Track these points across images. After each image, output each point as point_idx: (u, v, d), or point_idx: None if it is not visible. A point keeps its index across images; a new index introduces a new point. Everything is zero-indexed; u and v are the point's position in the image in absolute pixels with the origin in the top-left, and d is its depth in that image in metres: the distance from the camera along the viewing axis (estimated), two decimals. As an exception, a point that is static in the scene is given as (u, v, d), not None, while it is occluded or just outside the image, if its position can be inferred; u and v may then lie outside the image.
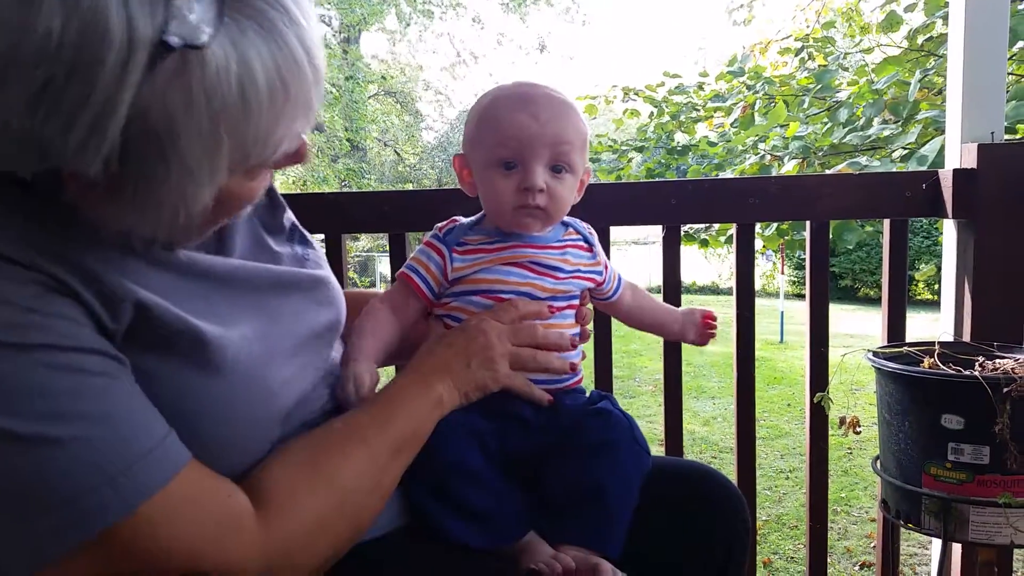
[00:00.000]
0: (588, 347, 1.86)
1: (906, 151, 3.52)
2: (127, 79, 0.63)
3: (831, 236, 3.29)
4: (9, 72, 0.61)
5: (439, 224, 1.18)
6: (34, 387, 0.69)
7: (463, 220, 1.18)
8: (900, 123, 3.72)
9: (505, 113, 1.09)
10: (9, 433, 0.67)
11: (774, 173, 4.06)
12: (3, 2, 0.60)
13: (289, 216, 1.11)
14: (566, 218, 1.20)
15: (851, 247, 3.35)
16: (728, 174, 4.70)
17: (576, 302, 1.18)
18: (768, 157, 4.17)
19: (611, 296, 1.28)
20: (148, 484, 0.73)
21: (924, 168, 2.81)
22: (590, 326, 1.23)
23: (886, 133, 3.65)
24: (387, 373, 1.18)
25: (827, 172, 3.70)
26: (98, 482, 0.70)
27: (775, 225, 3.83)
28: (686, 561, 1.16)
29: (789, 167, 3.92)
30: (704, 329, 1.34)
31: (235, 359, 0.85)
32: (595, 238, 1.23)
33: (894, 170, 3.22)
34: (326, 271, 1.10)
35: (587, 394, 1.18)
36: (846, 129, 3.91)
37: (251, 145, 0.73)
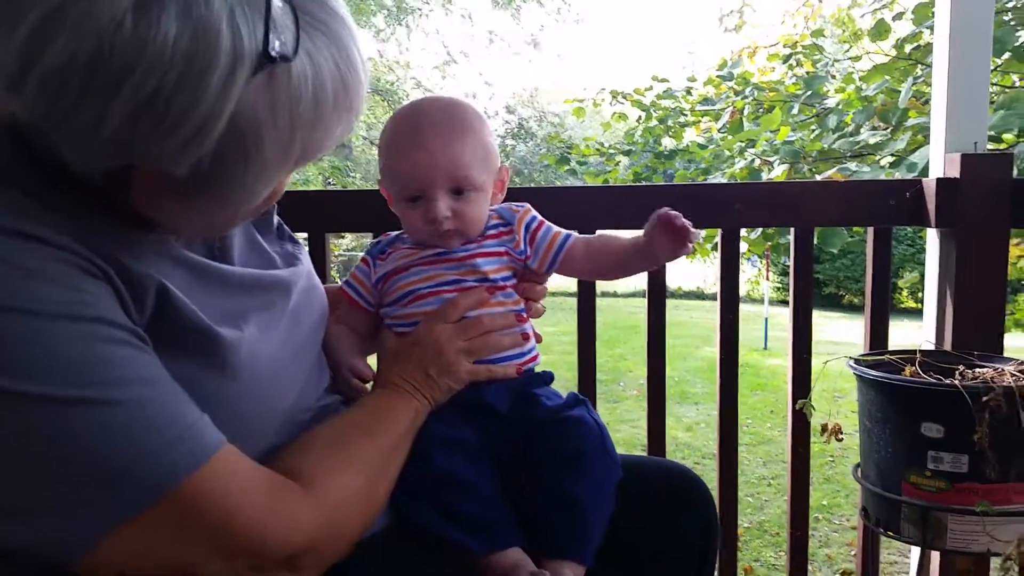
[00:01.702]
0: (571, 351, 1.86)
1: (895, 158, 3.54)
2: (232, 89, 0.66)
3: (816, 240, 3.32)
4: (124, 80, 0.63)
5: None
6: (85, 355, 0.70)
7: (392, 234, 1.23)
8: (889, 130, 3.74)
9: (400, 153, 1.12)
10: (63, 399, 0.68)
11: (764, 177, 4.07)
12: (123, 13, 0.62)
13: (275, 215, 1.13)
14: (494, 208, 1.20)
15: (835, 250, 3.37)
16: (717, 178, 4.71)
17: (510, 282, 1.17)
18: (758, 161, 4.18)
19: (548, 268, 1.19)
20: (205, 446, 0.75)
21: (914, 175, 2.83)
22: (542, 303, 1.22)
23: (875, 140, 3.67)
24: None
25: (813, 179, 3.72)
26: (161, 442, 0.72)
27: (760, 229, 3.84)
28: (658, 554, 1.17)
29: (778, 172, 3.93)
30: (675, 233, 1.08)
31: (247, 361, 0.86)
32: (518, 215, 1.19)
33: (882, 177, 3.24)
34: (310, 263, 1.13)
35: (563, 397, 1.17)
36: (836, 135, 3.93)
37: (314, 146, 0.78)
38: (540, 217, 1.21)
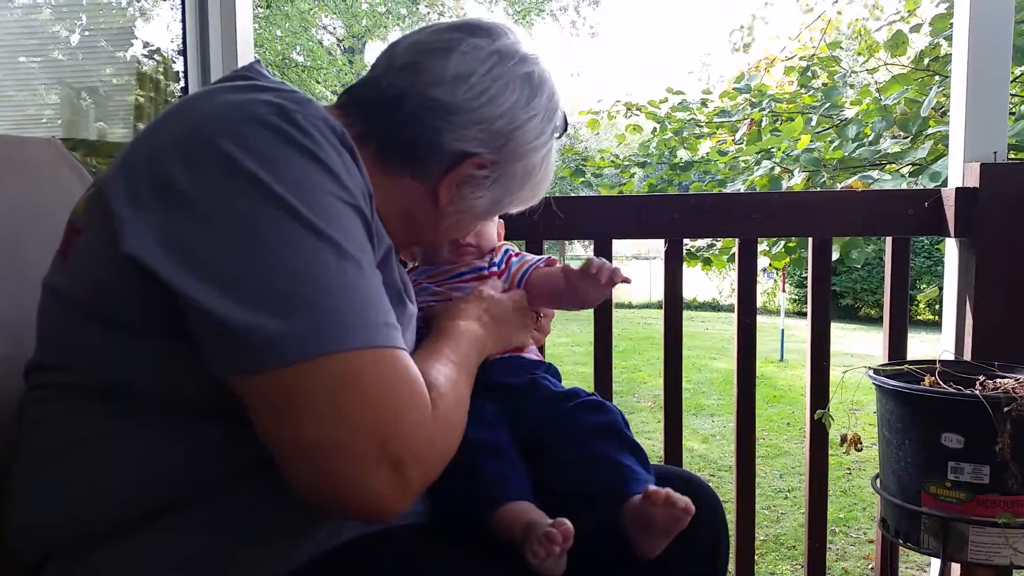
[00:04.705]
0: (584, 362, 1.85)
1: (916, 166, 3.52)
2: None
3: (838, 254, 3.30)
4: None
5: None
6: (354, 231, 0.84)
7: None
8: (910, 139, 3.72)
9: None
10: (332, 240, 0.80)
11: (784, 185, 4.05)
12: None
13: None
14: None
15: (858, 266, 3.35)
16: (736, 187, 4.69)
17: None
18: (778, 169, 4.17)
19: (518, 284, 1.27)
20: (395, 339, 0.83)
21: (937, 184, 2.81)
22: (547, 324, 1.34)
23: (896, 148, 3.65)
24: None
25: (833, 188, 3.70)
26: (374, 310, 0.82)
27: (782, 242, 3.83)
28: (667, 560, 1.17)
29: (798, 180, 3.92)
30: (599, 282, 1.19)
31: (408, 336, 0.97)
32: (500, 247, 1.31)
33: (902, 186, 3.22)
34: None
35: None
36: (855, 144, 3.91)
37: (510, 206, 1.13)
38: (521, 253, 1.32)
